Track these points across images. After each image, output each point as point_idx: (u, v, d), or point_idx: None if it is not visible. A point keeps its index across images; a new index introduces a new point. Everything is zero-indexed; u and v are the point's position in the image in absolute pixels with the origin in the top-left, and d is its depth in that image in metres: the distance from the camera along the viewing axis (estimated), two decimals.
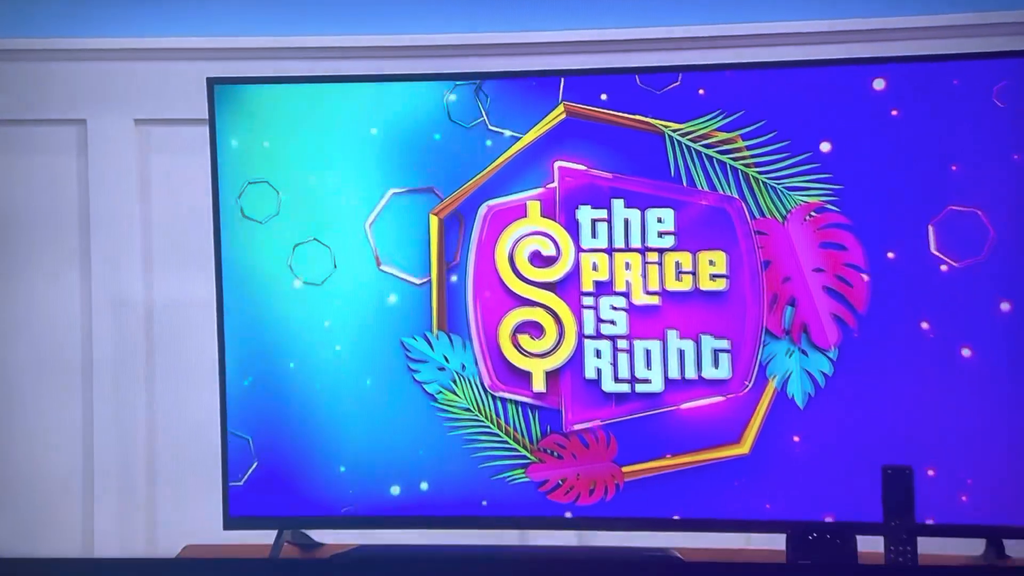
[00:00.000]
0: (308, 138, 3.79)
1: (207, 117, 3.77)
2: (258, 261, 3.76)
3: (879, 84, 3.58)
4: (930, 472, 3.54)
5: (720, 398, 3.63)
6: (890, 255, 3.58)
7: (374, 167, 3.73)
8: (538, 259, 3.67)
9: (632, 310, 3.64)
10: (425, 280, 3.73)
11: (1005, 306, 3.53)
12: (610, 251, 3.64)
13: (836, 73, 3.63)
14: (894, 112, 3.57)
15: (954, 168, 3.56)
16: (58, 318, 4.53)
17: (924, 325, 3.56)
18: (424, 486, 3.74)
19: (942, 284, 3.55)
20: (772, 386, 3.60)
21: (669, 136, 3.59)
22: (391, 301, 3.75)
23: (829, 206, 3.56)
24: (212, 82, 3.77)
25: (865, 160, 3.57)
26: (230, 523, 3.77)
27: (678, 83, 3.65)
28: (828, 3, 4.25)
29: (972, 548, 3.60)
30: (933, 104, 3.56)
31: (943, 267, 3.55)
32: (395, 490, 3.78)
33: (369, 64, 4.24)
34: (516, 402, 3.67)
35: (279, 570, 3.18)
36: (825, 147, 3.59)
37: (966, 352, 3.54)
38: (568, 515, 3.74)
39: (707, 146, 3.59)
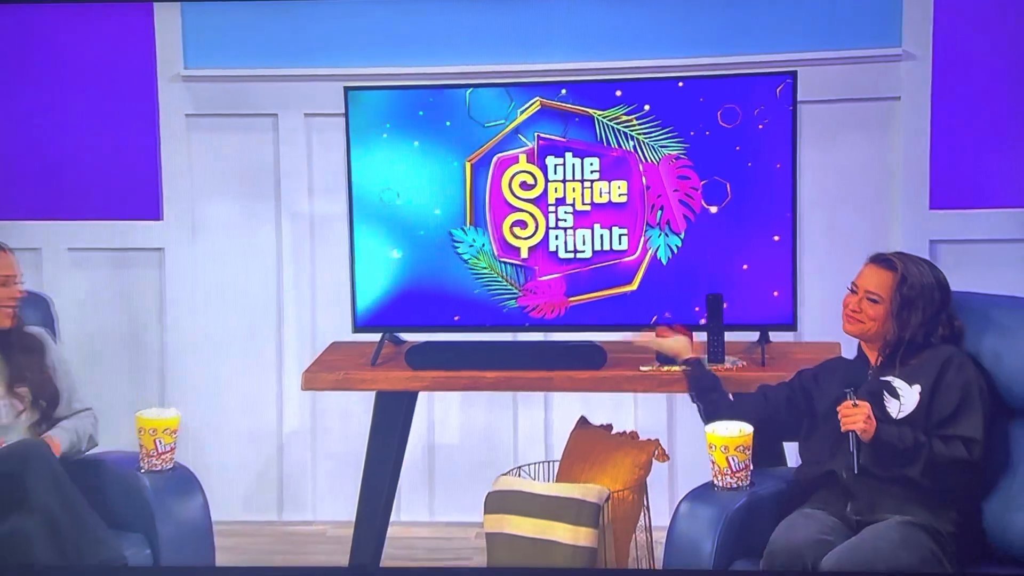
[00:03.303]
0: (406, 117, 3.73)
1: (344, 111, 3.76)
2: (383, 183, 3.74)
3: (705, 89, 3.62)
4: (730, 297, 3.59)
5: (621, 260, 3.68)
6: (708, 182, 3.62)
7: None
8: (524, 186, 3.69)
9: (576, 213, 3.67)
10: (462, 196, 3.71)
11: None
12: (564, 181, 3.67)
13: (686, 84, 3.65)
14: (730, 96, 3.60)
15: (747, 134, 3.58)
16: (262, 221, 4.47)
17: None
18: (460, 313, 3.74)
19: (740, 190, 3.62)
20: (650, 253, 3.65)
21: (596, 118, 3.64)
22: (436, 213, 3.73)
23: (681, 155, 3.61)
24: (347, 89, 3.75)
25: (701, 130, 3.60)
26: (356, 329, 3.77)
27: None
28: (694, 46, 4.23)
29: (752, 336, 3.68)
30: (730, 99, 3.59)
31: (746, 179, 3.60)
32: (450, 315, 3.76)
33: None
34: (512, 264, 3.71)
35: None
36: (679, 122, 3.61)
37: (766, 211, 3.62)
38: (537, 322, 3.73)
39: (617, 123, 3.64)
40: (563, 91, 3.67)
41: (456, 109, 3.71)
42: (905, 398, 3.02)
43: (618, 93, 3.63)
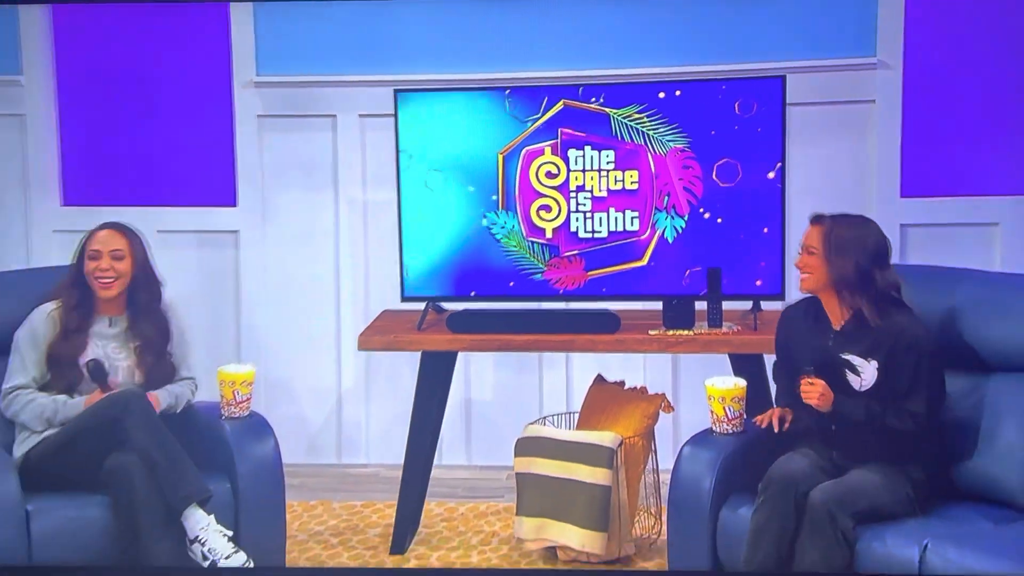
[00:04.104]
0: (445, 117, 3.69)
1: (393, 112, 3.72)
2: (427, 173, 3.70)
3: (721, 92, 3.59)
4: (728, 271, 3.58)
5: (633, 239, 3.66)
6: (713, 174, 3.60)
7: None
8: (549, 175, 3.68)
9: (594, 199, 3.66)
10: (495, 184, 3.68)
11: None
12: (584, 170, 3.65)
13: (690, 86, 3.63)
14: (728, 97, 3.57)
15: (742, 130, 3.56)
16: (323, 207, 4.49)
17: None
18: (493, 285, 3.72)
19: (736, 179, 3.58)
20: (658, 233, 3.64)
21: (611, 115, 3.63)
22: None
23: (685, 148, 3.60)
24: (396, 91, 3.73)
25: (701, 126, 3.58)
26: (404, 299, 3.76)
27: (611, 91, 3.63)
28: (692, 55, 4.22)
29: (744, 306, 3.66)
30: (727, 99, 3.56)
31: (735, 180, 3.58)
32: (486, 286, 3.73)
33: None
34: (538, 242, 3.70)
35: None
36: (683, 120, 3.59)
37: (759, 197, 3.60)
38: (561, 293, 3.71)
39: (629, 120, 3.62)
40: (579, 91, 3.65)
41: (493, 109, 3.69)
42: (865, 373, 2.94)
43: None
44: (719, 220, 3.61)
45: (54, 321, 3.22)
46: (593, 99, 3.65)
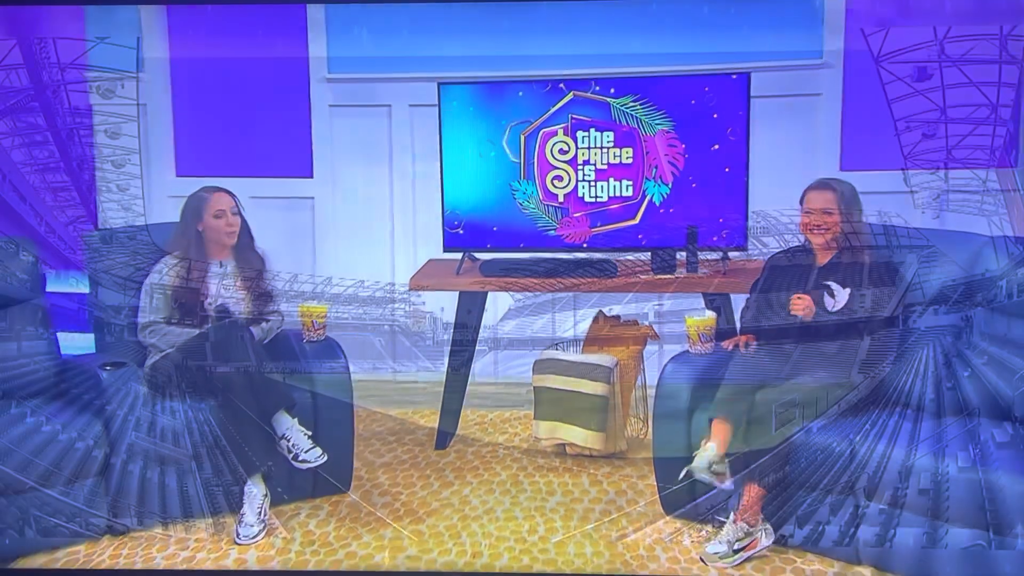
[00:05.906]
0: (480, 103, 3.68)
1: (437, 101, 3.73)
2: (464, 150, 3.71)
3: (699, 86, 3.57)
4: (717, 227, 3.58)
5: (628, 203, 3.64)
6: (685, 146, 3.58)
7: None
8: (561, 151, 3.65)
9: (597, 170, 3.62)
10: (518, 159, 3.69)
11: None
12: (589, 148, 3.62)
13: (674, 80, 3.59)
14: (704, 90, 3.55)
15: (715, 116, 3.56)
16: (380, 179, 4.40)
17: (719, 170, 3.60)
18: (518, 239, 3.68)
19: (709, 155, 3.58)
20: (647, 198, 3.60)
21: (611, 104, 3.59)
22: (499, 171, 3.68)
23: (671, 130, 3.56)
24: (439, 84, 3.74)
25: (684, 112, 3.55)
26: (445, 250, 3.75)
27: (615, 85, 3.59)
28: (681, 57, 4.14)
29: (715, 256, 3.61)
30: (706, 89, 3.54)
31: (713, 147, 3.58)
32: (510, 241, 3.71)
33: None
34: (552, 205, 3.66)
35: None
36: (670, 107, 3.55)
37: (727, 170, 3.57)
38: (570, 245, 3.68)
39: (625, 107, 3.58)
40: (596, 87, 3.58)
41: (518, 98, 3.66)
42: (839, 297, 2.97)
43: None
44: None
45: (178, 269, 3.23)
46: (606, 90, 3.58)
